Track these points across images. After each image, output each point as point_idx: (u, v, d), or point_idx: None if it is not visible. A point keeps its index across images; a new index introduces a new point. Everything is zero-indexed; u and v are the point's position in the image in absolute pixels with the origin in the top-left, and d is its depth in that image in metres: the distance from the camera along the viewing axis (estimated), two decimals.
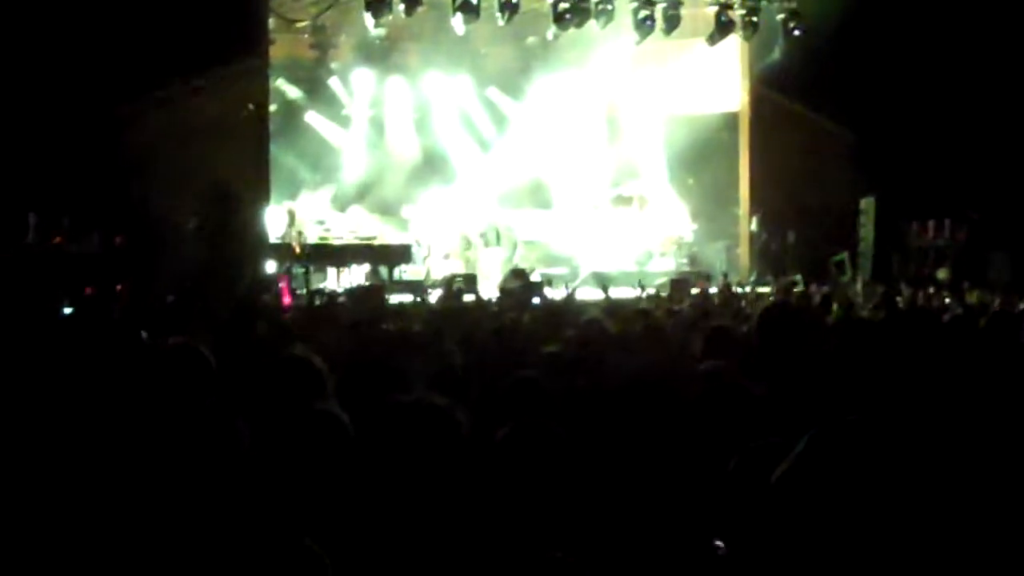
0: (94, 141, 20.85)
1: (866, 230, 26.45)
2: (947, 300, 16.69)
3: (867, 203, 26.45)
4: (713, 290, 19.58)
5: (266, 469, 4.39)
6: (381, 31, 26.85)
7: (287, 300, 20.59)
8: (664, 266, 27.31)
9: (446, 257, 26.88)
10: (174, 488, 4.32)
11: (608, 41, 27.49)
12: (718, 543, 4.11)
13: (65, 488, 4.40)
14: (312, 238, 25.24)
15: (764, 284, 22.95)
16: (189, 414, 4.75)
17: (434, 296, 19.84)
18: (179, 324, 8.96)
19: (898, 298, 16.24)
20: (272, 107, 26.06)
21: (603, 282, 18.22)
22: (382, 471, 4.04)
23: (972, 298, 16.68)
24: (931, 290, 19.24)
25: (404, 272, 25.15)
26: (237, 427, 4.63)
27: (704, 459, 4.71)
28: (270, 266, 22.92)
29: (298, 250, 24.05)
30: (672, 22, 25.88)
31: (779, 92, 27.26)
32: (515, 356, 7.67)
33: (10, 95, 19.94)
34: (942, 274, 24.39)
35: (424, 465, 3.96)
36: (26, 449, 5.03)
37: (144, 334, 8.17)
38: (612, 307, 14.83)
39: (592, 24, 25.49)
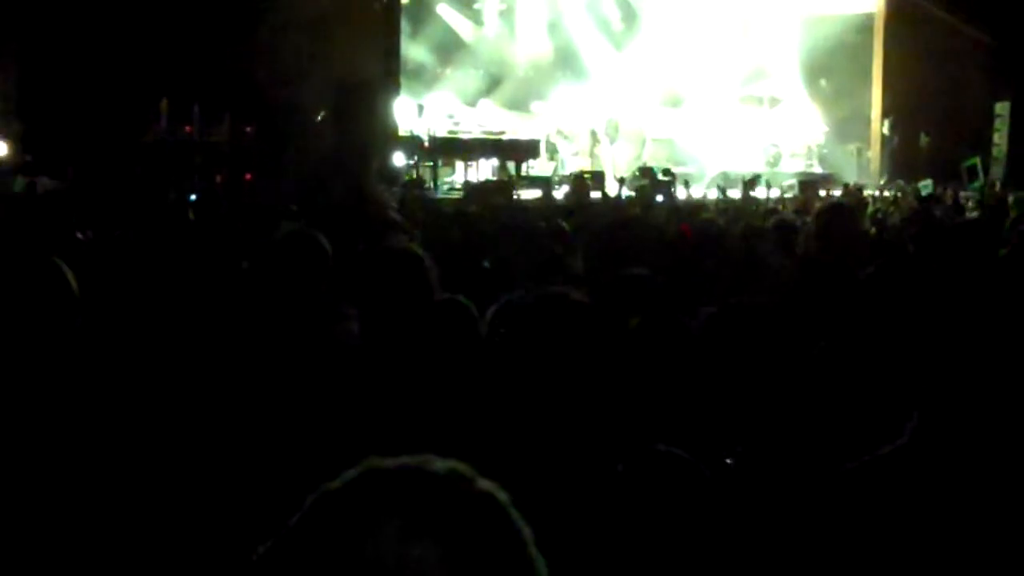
0: (226, 30, 21.00)
1: (1000, 135, 26.02)
2: None
3: (1002, 107, 26.01)
4: (837, 193, 19.46)
5: (376, 358, 4.48)
6: None
7: None
8: (794, 167, 27.13)
9: (575, 154, 26.86)
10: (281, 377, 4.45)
11: None
12: None
13: (175, 371, 4.54)
14: (441, 132, 25.24)
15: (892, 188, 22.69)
16: (303, 299, 4.89)
17: (561, 192, 19.88)
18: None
19: None
20: None
21: (726, 184, 18.23)
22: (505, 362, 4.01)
23: None
24: None
25: (532, 168, 25.11)
26: (347, 314, 4.75)
27: None
28: (398, 159, 22.97)
29: (426, 143, 24.06)
30: None
31: None
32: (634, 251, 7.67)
33: None
34: None
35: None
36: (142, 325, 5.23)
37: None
38: (737, 207, 14.83)
39: None
